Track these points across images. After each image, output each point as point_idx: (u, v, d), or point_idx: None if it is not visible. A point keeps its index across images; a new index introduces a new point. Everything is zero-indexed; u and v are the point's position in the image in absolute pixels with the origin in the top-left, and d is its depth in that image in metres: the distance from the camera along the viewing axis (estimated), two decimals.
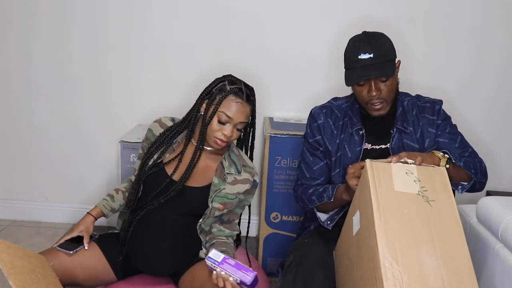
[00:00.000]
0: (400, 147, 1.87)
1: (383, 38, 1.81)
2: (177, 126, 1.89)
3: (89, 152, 2.92)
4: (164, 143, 1.87)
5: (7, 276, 1.36)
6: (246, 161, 1.93)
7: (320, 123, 1.95)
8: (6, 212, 3.00)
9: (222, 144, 1.80)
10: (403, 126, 1.89)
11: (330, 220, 1.88)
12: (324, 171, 1.97)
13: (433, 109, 1.93)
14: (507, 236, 1.69)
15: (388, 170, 1.42)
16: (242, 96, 1.79)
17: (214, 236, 1.87)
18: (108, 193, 1.98)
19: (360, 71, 1.75)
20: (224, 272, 1.58)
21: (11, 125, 2.92)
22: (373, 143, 1.90)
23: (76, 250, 1.78)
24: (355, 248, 1.48)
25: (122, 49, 2.78)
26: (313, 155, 1.98)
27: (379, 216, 1.31)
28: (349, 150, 1.90)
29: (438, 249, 1.28)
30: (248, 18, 2.71)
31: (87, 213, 1.90)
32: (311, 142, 1.97)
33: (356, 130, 1.90)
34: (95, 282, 1.84)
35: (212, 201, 1.82)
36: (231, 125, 1.79)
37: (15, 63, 2.83)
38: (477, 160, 1.87)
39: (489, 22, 2.67)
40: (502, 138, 2.81)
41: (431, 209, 1.35)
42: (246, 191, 1.89)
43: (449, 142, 1.89)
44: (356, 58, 1.75)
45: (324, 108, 1.99)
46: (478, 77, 2.74)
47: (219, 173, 1.86)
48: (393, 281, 1.21)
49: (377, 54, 1.74)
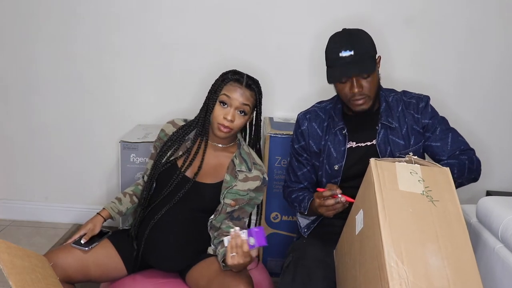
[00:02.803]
0: (386, 143, 1.88)
1: (363, 35, 1.82)
2: (189, 124, 1.96)
3: (89, 152, 2.92)
4: (176, 142, 1.93)
5: (7, 276, 1.37)
6: (256, 160, 1.97)
7: (304, 129, 1.99)
8: (6, 212, 3.00)
9: (225, 130, 1.84)
10: (388, 121, 1.89)
11: (306, 228, 1.97)
12: (307, 176, 2.02)
13: (417, 106, 1.92)
14: (507, 236, 1.69)
15: (392, 169, 1.42)
16: (242, 81, 1.86)
17: (222, 232, 1.88)
18: (116, 196, 2.01)
19: (341, 69, 1.77)
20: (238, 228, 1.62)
21: (11, 125, 2.92)
22: (358, 141, 1.91)
23: (92, 246, 1.81)
24: (358, 247, 1.48)
25: (122, 49, 2.79)
26: (297, 161, 2.03)
27: (384, 216, 1.30)
28: (334, 150, 1.92)
29: (443, 249, 1.28)
30: (248, 19, 2.71)
31: (96, 214, 1.93)
32: (296, 147, 2.02)
33: (338, 129, 1.92)
34: (106, 278, 1.88)
35: (224, 198, 1.86)
36: (232, 107, 1.84)
37: (15, 63, 2.84)
38: (465, 157, 1.84)
39: (484, 20, 2.68)
40: (502, 138, 2.81)
41: (436, 209, 1.34)
42: (256, 188, 1.92)
43: (442, 145, 1.88)
44: (337, 55, 1.76)
45: (308, 113, 2.02)
46: (474, 74, 2.75)
47: (230, 170, 1.90)
48: (399, 281, 1.21)
49: (358, 51, 1.74)
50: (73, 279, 1.75)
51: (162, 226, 1.85)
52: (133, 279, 1.89)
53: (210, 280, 1.73)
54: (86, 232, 1.85)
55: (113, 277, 1.88)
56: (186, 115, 2.15)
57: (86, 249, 1.79)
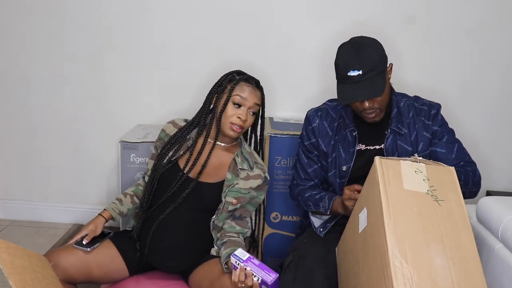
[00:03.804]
0: (394, 149, 1.88)
1: (372, 48, 1.78)
2: (189, 124, 1.97)
3: (89, 152, 2.92)
4: (177, 142, 1.94)
5: (7, 276, 1.37)
6: (257, 159, 1.99)
7: (315, 126, 1.99)
8: (6, 212, 3.00)
9: (238, 130, 1.87)
10: (397, 127, 1.89)
11: (322, 227, 1.96)
12: (318, 173, 2.02)
13: (429, 113, 1.92)
14: (507, 236, 1.69)
15: (397, 168, 1.42)
16: (252, 82, 1.92)
17: (225, 232, 1.89)
18: (117, 197, 2.02)
19: (350, 90, 1.75)
20: (249, 268, 1.61)
21: (11, 125, 2.91)
22: (367, 144, 1.91)
23: (94, 247, 1.81)
24: (361, 245, 1.47)
25: (122, 49, 2.78)
26: (308, 158, 2.03)
27: (388, 214, 1.30)
28: (343, 151, 1.92)
29: (447, 249, 1.28)
30: (248, 19, 2.71)
31: (98, 214, 1.93)
32: (306, 144, 2.02)
33: (349, 131, 1.92)
34: (108, 279, 1.87)
35: (225, 196, 1.87)
36: (246, 107, 1.88)
37: (14, 63, 2.83)
38: (470, 169, 1.87)
39: (489, 23, 2.66)
40: (502, 138, 2.81)
41: (440, 208, 1.34)
42: (258, 186, 1.93)
43: (446, 152, 1.90)
44: (345, 74, 1.74)
45: (319, 110, 2.02)
46: (479, 77, 2.74)
47: (232, 169, 1.91)
48: (403, 280, 1.21)
49: (366, 69, 1.72)
50: (74, 280, 1.75)
51: (164, 227, 1.85)
52: (136, 280, 1.89)
53: (213, 281, 1.73)
54: (87, 233, 1.84)
55: (115, 278, 1.88)
56: (186, 115, 2.16)
57: (88, 249, 1.79)
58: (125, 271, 1.88)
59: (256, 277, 1.60)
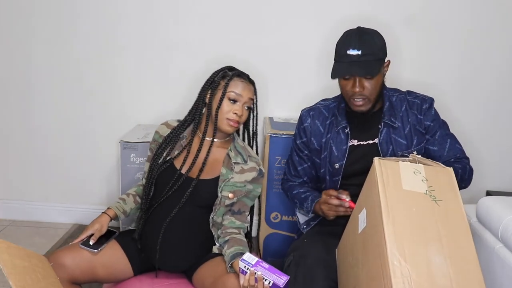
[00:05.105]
0: (389, 143, 1.89)
1: (376, 37, 1.83)
2: (182, 122, 1.98)
3: (89, 152, 2.92)
4: (171, 141, 1.95)
5: (7, 276, 1.36)
6: (251, 152, 2.00)
7: (306, 125, 2.02)
8: (6, 212, 3.00)
9: (235, 125, 1.89)
10: (390, 121, 1.90)
11: (306, 225, 2.01)
12: (307, 171, 2.06)
13: (421, 107, 1.93)
14: (507, 236, 1.69)
15: (396, 169, 1.42)
16: (245, 77, 1.93)
17: (225, 229, 1.89)
18: (120, 197, 2.02)
19: (346, 66, 1.79)
20: (260, 272, 1.60)
21: (11, 125, 2.92)
22: (360, 139, 1.93)
23: (101, 248, 1.81)
24: (360, 245, 1.48)
25: (122, 49, 2.78)
26: (298, 156, 2.06)
27: (387, 214, 1.31)
28: (335, 148, 1.94)
29: (445, 248, 1.28)
30: (247, 18, 2.71)
31: (102, 213, 1.92)
32: (298, 143, 2.06)
33: (341, 128, 1.94)
34: (113, 279, 1.88)
35: (221, 191, 1.88)
36: (241, 103, 1.89)
37: (15, 63, 2.83)
38: (460, 165, 1.87)
39: (486, 21, 2.68)
40: (502, 138, 2.81)
41: (439, 208, 1.35)
42: (253, 179, 1.94)
43: (438, 149, 1.91)
44: (345, 52, 1.78)
45: (312, 110, 2.05)
46: (475, 75, 2.74)
47: (226, 163, 1.92)
48: (402, 279, 1.21)
49: (366, 51, 1.76)
50: (79, 280, 1.75)
51: (166, 227, 1.85)
52: (139, 280, 1.89)
53: (216, 280, 1.73)
54: (93, 233, 1.83)
55: (120, 278, 1.88)
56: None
57: (95, 251, 1.78)
58: (130, 271, 1.88)
59: (267, 281, 1.60)
